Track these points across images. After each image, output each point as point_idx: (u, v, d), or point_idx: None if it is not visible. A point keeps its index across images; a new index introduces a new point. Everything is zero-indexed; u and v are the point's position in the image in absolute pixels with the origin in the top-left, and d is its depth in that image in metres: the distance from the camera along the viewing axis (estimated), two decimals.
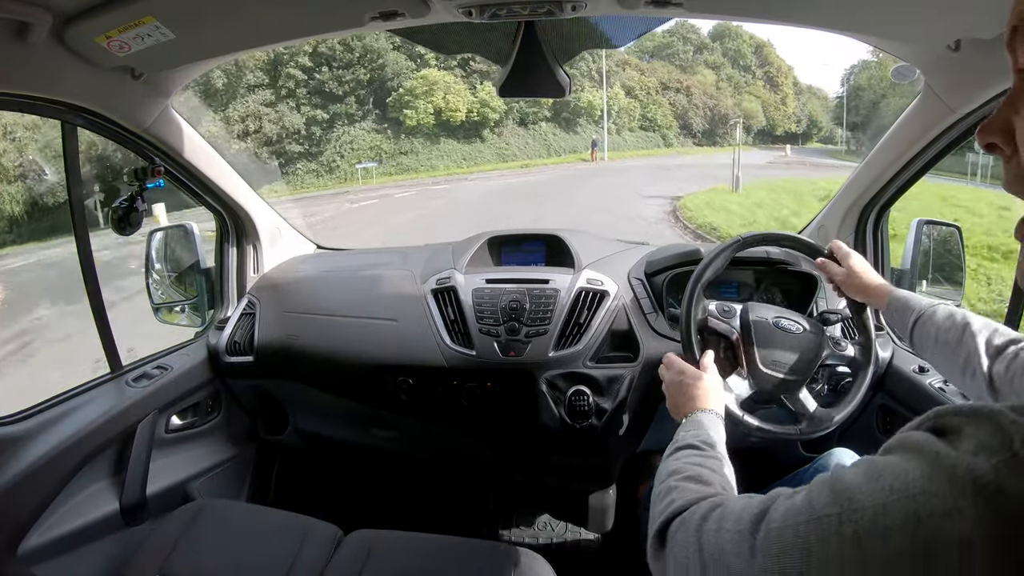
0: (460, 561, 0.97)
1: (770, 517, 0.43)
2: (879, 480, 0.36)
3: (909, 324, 0.87)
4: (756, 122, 38.59)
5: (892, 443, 0.39)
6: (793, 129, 41.88)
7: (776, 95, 40.76)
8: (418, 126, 25.71)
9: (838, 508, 0.37)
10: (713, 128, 36.08)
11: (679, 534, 0.54)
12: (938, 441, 0.35)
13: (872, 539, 0.34)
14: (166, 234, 1.46)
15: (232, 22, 0.86)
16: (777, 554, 0.40)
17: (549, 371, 1.16)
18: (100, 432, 1.08)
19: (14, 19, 0.72)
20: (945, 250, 1.25)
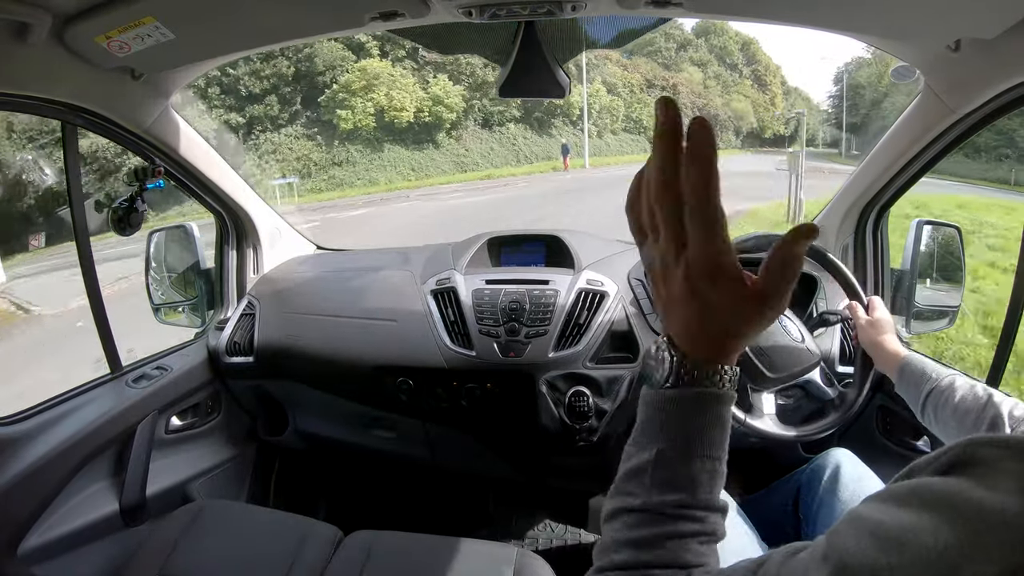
0: (460, 561, 0.97)
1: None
2: (902, 552, 0.28)
3: (924, 392, 0.83)
4: (746, 123, 36.70)
5: (902, 492, 0.31)
6: (782, 131, 40.20)
7: (765, 95, 38.86)
8: (355, 130, 20.39)
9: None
10: None
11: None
12: (965, 482, 0.28)
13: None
14: (166, 234, 1.46)
15: (232, 23, 0.86)
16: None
17: (549, 372, 1.16)
18: (100, 433, 1.08)
19: (14, 19, 0.72)
20: (945, 250, 1.25)
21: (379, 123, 20.71)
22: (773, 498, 1.09)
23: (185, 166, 1.22)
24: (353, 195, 18.20)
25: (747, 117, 36.47)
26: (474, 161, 22.53)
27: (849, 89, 35.25)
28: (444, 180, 20.24)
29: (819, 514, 0.94)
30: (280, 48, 8.75)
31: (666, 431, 0.42)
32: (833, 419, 0.99)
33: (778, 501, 1.07)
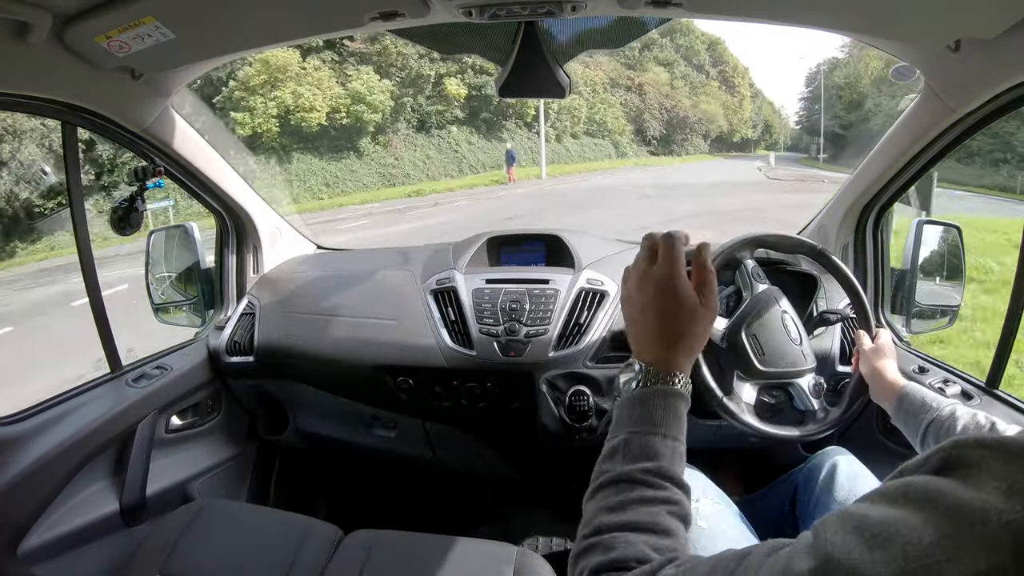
0: (460, 561, 0.97)
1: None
2: (887, 547, 0.28)
3: (924, 422, 0.81)
4: (715, 127, 33.84)
5: (891, 490, 0.32)
6: (749, 135, 38.10)
7: (733, 97, 36.45)
8: (255, 136, 15.60)
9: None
10: (670, 134, 30.50)
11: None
12: (951, 483, 0.29)
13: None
14: (166, 234, 1.46)
15: (232, 22, 0.86)
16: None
17: (549, 371, 1.16)
18: (100, 432, 1.08)
19: (14, 19, 0.72)
20: (945, 250, 1.25)
21: (284, 127, 16.08)
22: (771, 498, 1.09)
23: (185, 166, 1.22)
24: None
25: (717, 120, 34.18)
26: (405, 172, 17.62)
27: (825, 90, 33.63)
28: (359, 198, 15.73)
29: (815, 513, 0.95)
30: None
31: (633, 419, 0.52)
32: (809, 430, 0.99)
33: (776, 501, 1.07)
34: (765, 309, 0.99)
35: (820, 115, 32.91)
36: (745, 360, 0.97)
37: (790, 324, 1.00)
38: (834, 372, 1.16)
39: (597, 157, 24.87)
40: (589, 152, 24.81)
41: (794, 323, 1.01)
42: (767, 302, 1.00)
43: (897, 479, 0.33)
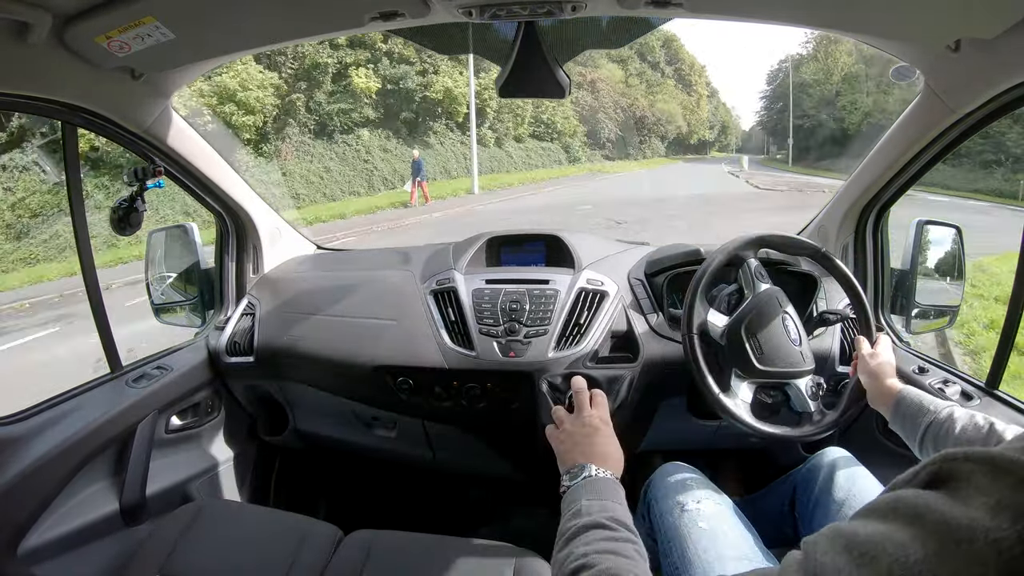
0: (460, 561, 0.97)
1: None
2: (874, 565, 0.29)
3: (922, 425, 0.81)
4: (672, 128, 31.49)
5: (881, 505, 0.33)
6: (707, 136, 36.49)
7: (690, 97, 34.51)
8: (94, 152, 10.50)
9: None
10: (627, 135, 27.68)
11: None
12: (940, 497, 0.29)
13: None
14: (166, 234, 1.46)
15: (232, 23, 0.86)
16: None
17: (549, 372, 1.16)
18: (100, 432, 1.08)
19: (14, 19, 0.72)
20: (945, 250, 1.25)
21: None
22: (771, 498, 1.09)
23: (185, 166, 1.22)
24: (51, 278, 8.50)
25: (676, 120, 32.08)
26: (294, 192, 13.11)
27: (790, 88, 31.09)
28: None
29: (815, 513, 0.95)
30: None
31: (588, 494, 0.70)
32: (805, 431, 0.99)
33: (775, 501, 1.07)
34: (766, 309, 0.99)
35: (784, 114, 30.65)
36: (743, 358, 0.97)
37: (790, 325, 1.00)
38: (834, 372, 1.16)
39: (545, 163, 21.45)
40: (536, 158, 21.20)
41: (794, 324, 1.01)
42: (768, 302, 1.00)
43: (888, 494, 0.33)
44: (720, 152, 37.65)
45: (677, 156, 32.63)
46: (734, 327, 0.98)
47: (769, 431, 0.97)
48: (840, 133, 25.18)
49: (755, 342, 0.97)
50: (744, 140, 42.08)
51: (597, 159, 25.22)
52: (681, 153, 33.63)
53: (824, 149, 25.92)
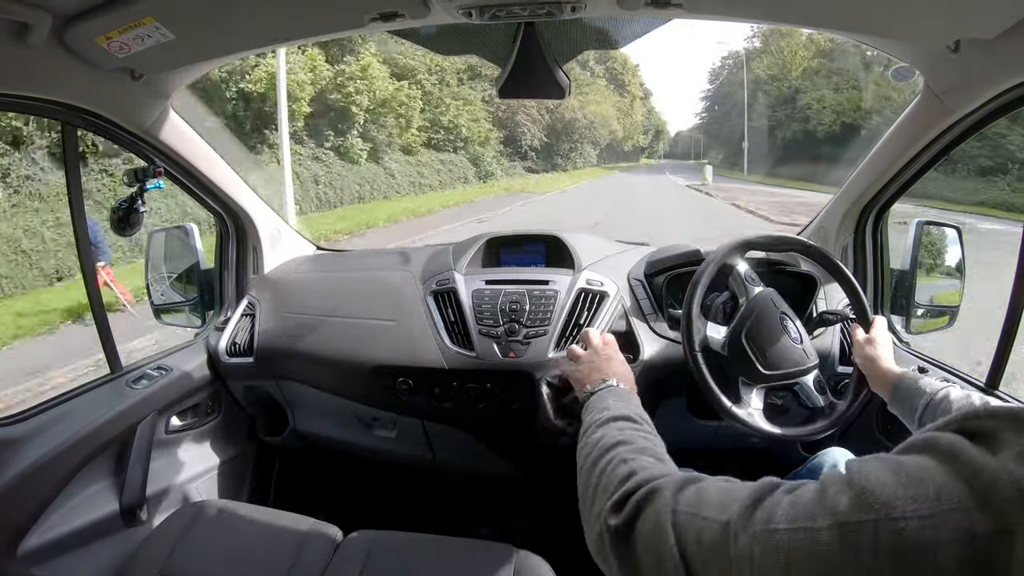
0: (460, 561, 0.97)
1: (769, 513, 0.38)
2: (921, 486, 0.32)
3: (919, 407, 0.82)
4: (605, 133, 26.99)
5: (918, 442, 0.35)
6: (640, 141, 33.28)
7: (623, 98, 30.76)
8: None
9: (873, 514, 0.32)
10: (554, 142, 23.20)
11: (648, 508, 0.47)
12: (972, 446, 0.32)
13: (917, 554, 0.30)
14: (166, 234, 1.46)
15: (232, 23, 0.87)
16: (784, 561, 0.35)
17: (549, 372, 1.16)
18: (100, 433, 1.08)
19: (14, 20, 0.72)
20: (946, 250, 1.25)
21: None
22: None
23: (185, 166, 1.22)
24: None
25: (609, 124, 27.60)
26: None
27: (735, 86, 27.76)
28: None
29: None
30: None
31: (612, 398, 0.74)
32: (818, 427, 0.99)
33: None
34: (763, 312, 0.99)
35: (731, 116, 27.60)
36: (748, 366, 0.97)
37: (789, 324, 1.00)
38: (834, 372, 1.16)
39: (446, 182, 16.06)
40: (431, 175, 15.57)
41: (793, 323, 1.01)
42: (764, 305, 1.00)
43: (922, 434, 0.36)
44: (649, 159, 35.04)
45: (611, 165, 29.01)
46: (735, 336, 0.98)
47: (786, 433, 0.97)
48: (806, 135, 22.17)
49: (758, 348, 0.97)
50: (672, 146, 40.04)
51: (518, 172, 20.37)
52: (614, 161, 30.45)
53: (787, 154, 22.60)
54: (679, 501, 0.45)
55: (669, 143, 39.66)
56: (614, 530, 0.49)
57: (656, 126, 35.57)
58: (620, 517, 0.49)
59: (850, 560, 0.32)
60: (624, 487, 0.51)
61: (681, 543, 0.42)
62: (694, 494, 0.45)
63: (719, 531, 0.40)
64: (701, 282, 0.99)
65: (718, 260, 1.01)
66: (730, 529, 0.39)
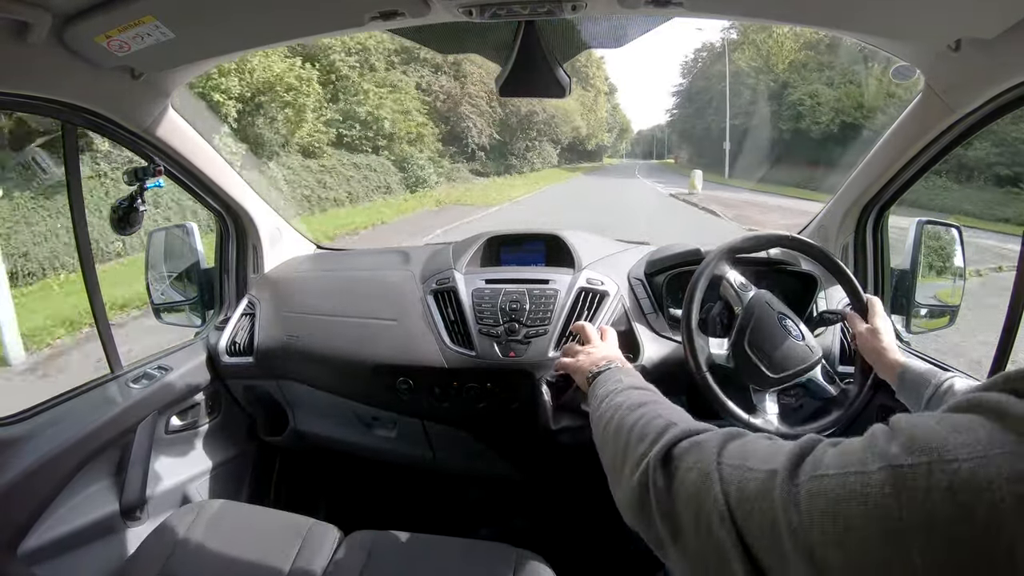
0: (460, 561, 0.97)
1: (816, 462, 0.38)
2: (971, 433, 0.32)
3: (924, 397, 0.82)
4: (569, 129, 23.58)
5: (962, 403, 0.35)
6: (604, 140, 30.10)
7: (587, 92, 27.36)
8: None
9: (926, 457, 0.32)
10: (508, 140, 19.20)
11: (688, 457, 0.46)
12: (1020, 402, 0.32)
13: (972, 493, 0.30)
14: (166, 234, 1.46)
15: (232, 22, 0.86)
16: (832, 506, 0.35)
17: (549, 372, 1.16)
18: (100, 432, 1.07)
19: (14, 19, 0.72)
20: (946, 250, 1.25)
21: None
22: None
23: (185, 165, 1.22)
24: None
25: (573, 120, 23.79)
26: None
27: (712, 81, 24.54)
28: None
29: None
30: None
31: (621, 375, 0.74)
32: (837, 416, 0.99)
33: None
34: (760, 317, 0.99)
35: (705, 112, 24.25)
36: (756, 373, 0.97)
37: (788, 324, 1.00)
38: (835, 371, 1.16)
39: (359, 192, 12.07)
40: (337, 184, 11.64)
41: (792, 320, 1.01)
42: (760, 309, 1.00)
43: (967, 395, 0.36)
44: (612, 159, 32.14)
45: (574, 166, 25.69)
46: (737, 347, 0.98)
47: (807, 430, 0.96)
48: (798, 135, 19.46)
49: (762, 353, 0.97)
50: (633, 144, 37.89)
51: (462, 176, 16.45)
52: (576, 161, 27.16)
53: (776, 156, 19.75)
54: (724, 453, 0.45)
55: (631, 142, 37.87)
56: (654, 482, 0.48)
57: (621, 124, 32.75)
58: (662, 468, 0.48)
59: (903, 501, 0.32)
60: (665, 438, 0.50)
61: (726, 494, 0.42)
62: (739, 447, 0.45)
63: (765, 479, 0.40)
64: (695, 297, 0.99)
65: (707, 273, 1.00)
66: (777, 477, 0.39)
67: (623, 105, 34.79)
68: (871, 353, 0.95)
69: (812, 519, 0.36)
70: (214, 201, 1.37)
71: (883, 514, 0.33)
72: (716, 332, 1.03)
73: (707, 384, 0.96)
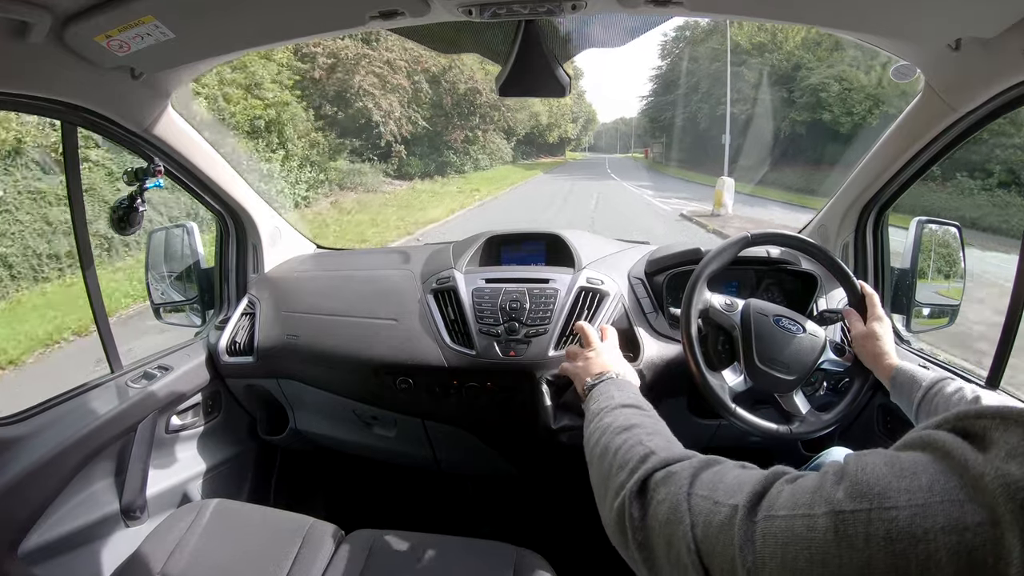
0: (460, 561, 0.97)
1: (772, 501, 0.39)
2: (915, 479, 0.33)
3: (915, 400, 0.83)
4: (527, 117, 19.97)
5: (913, 440, 0.37)
6: (569, 132, 26.47)
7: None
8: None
9: (867, 504, 0.34)
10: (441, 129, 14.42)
11: (662, 489, 0.48)
12: (965, 444, 0.33)
13: (908, 542, 0.31)
14: (166, 234, 1.46)
15: (232, 22, 0.86)
16: (781, 548, 0.36)
17: (549, 371, 1.16)
18: (100, 432, 1.07)
19: (14, 19, 0.72)
20: (946, 249, 1.25)
21: None
22: None
23: (185, 165, 1.22)
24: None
25: (532, 107, 20.39)
26: None
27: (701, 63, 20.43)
28: None
29: None
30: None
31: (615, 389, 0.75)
32: (859, 386, 0.99)
33: None
34: (758, 328, 0.99)
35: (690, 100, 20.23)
36: (776, 382, 0.97)
37: (786, 322, 1.00)
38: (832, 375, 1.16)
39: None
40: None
41: (787, 317, 1.01)
42: (754, 321, 0.99)
43: (917, 432, 0.37)
44: (576, 153, 27.60)
45: (532, 161, 20.73)
46: (751, 367, 0.97)
47: (845, 413, 0.97)
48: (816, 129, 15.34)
49: (775, 362, 0.97)
50: (596, 138, 33.89)
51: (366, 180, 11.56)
52: (534, 156, 23.16)
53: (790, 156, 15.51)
54: (695, 483, 0.46)
55: (593, 135, 33.95)
56: (630, 513, 0.49)
57: (587, 114, 27.87)
58: (638, 498, 0.50)
59: (843, 548, 0.33)
60: (642, 468, 0.52)
61: (695, 527, 0.43)
62: (711, 477, 0.46)
63: (727, 515, 0.41)
64: (697, 346, 0.97)
65: (697, 310, 0.98)
66: (737, 514, 0.40)
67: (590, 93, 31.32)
68: (868, 357, 0.96)
69: (764, 561, 0.37)
70: (214, 201, 1.37)
71: (824, 559, 0.34)
72: (724, 362, 1.02)
73: (741, 417, 0.94)
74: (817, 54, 16.88)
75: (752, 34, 18.50)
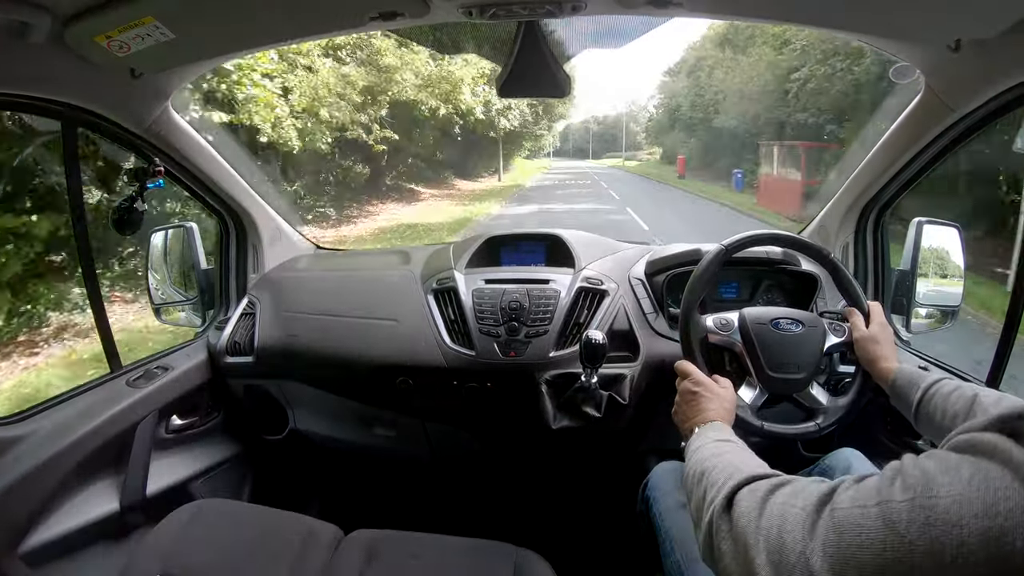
0: (460, 560, 0.97)
1: (836, 500, 0.44)
2: (957, 472, 0.37)
3: (914, 402, 0.83)
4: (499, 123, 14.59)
5: (960, 443, 0.40)
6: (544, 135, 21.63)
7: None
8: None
9: (911, 494, 0.38)
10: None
11: (744, 502, 0.53)
12: (1012, 444, 0.36)
13: (942, 527, 0.35)
14: (166, 234, 1.46)
15: (232, 23, 0.86)
16: (837, 533, 0.41)
17: (549, 371, 1.16)
18: (100, 432, 1.07)
19: (14, 19, 0.72)
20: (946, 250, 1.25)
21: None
22: None
23: (185, 166, 1.22)
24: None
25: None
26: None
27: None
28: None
29: None
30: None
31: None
32: (858, 383, 0.98)
33: None
34: (759, 338, 0.98)
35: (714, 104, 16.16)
36: (791, 384, 0.96)
37: (782, 322, 1.00)
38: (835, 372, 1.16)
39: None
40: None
41: (784, 317, 1.00)
42: (754, 331, 0.98)
43: (961, 435, 0.41)
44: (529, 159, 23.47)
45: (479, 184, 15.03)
46: (763, 378, 0.97)
47: (845, 403, 0.97)
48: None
49: (784, 365, 0.96)
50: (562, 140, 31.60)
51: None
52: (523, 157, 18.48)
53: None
54: (776, 493, 0.51)
55: (558, 136, 30.27)
56: (718, 524, 0.54)
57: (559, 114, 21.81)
58: (725, 512, 0.54)
59: (888, 533, 0.38)
60: (729, 484, 0.56)
61: (759, 526, 0.49)
62: (790, 488, 0.51)
63: (798, 515, 0.46)
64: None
65: (695, 340, 0.97)
66: (807, 511, 0.46)
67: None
68: (867, 362, 0.95)
69: (824, 548, 0.41)
70: (214, 201, 1.37)
71: (872, 544, 0.38)
72: (736, 382, 0.98)
73: (772, 432, 0.94)
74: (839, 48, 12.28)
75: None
